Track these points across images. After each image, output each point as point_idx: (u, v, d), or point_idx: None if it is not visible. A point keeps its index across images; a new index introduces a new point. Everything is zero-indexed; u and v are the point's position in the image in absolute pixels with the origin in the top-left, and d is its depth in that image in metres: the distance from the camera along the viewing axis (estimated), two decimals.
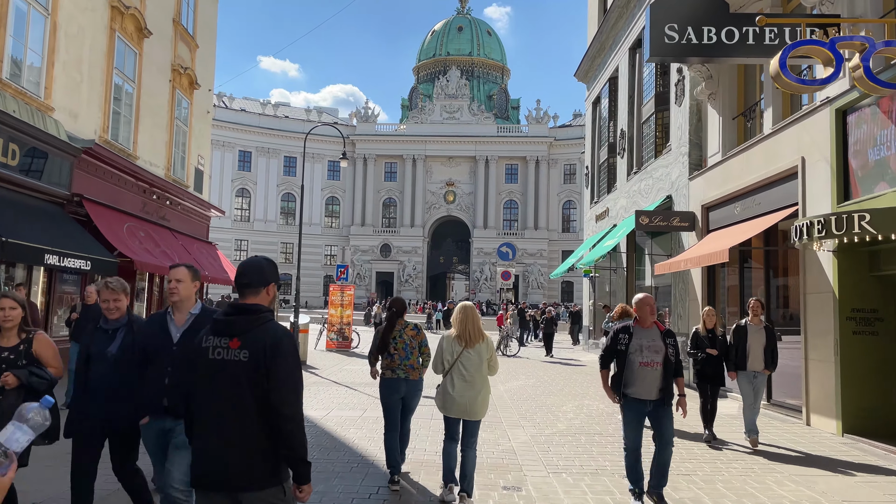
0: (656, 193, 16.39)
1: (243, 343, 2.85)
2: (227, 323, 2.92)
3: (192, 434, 3.00)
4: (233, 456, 2.81)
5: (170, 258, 16.51)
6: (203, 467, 2.87)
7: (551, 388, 13.47)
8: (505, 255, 21.87)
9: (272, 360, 2.84)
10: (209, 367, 2.89)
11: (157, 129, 18.69)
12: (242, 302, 2.98)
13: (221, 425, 2.84)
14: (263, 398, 2.82)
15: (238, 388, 2.83)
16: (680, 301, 14.66)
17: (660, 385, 5.65)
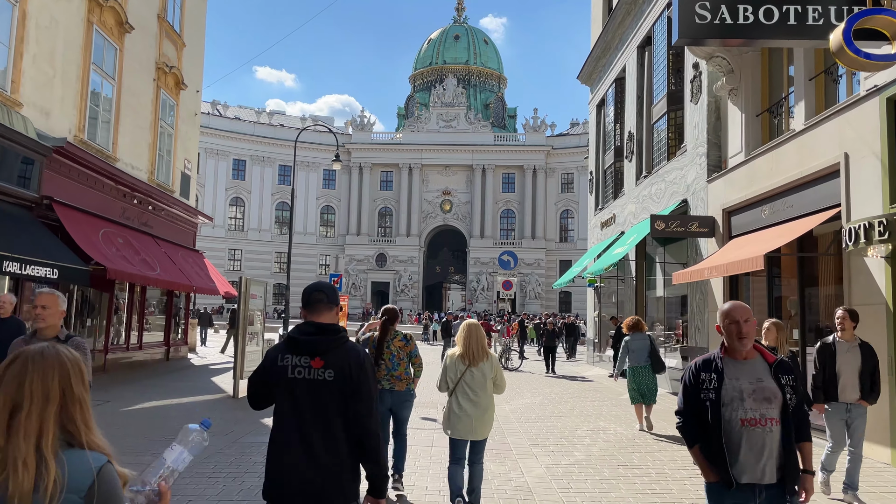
0: (669, 198, 15.41)
1: (327, 362, 2.89)
2: (309, 343, 2.93)
3: (273, 453, 2.95)
4: (320, 473, 2.83)
5: (150, 266, 15.46)
6: (288, 484, 2.85)
7: (561, 408, 12.42)
8: (506, 264, 20.82)
9: (358, 379, 2.89)
10: (289, 385, 2.89)
11: (139, 130, 17.67)
12: (318, 321, 3.00)
13: (307, 443, 2.85)
14: (347, 416, 2.88)
15: (323, 406, 2.87)
16: (698, 313, 13.65)
17: (778, 457, 3.31)
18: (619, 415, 11.65)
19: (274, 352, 3.02)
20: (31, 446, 1.55)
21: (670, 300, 16.24)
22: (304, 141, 71.69)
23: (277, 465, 2.90)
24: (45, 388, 1.61)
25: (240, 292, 12.74)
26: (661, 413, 11.02)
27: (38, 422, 1.58)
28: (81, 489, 1.55)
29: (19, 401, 1.59)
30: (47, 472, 1.52)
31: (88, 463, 1.59)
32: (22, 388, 1.60)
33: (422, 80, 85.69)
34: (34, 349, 1.67)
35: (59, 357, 1.67)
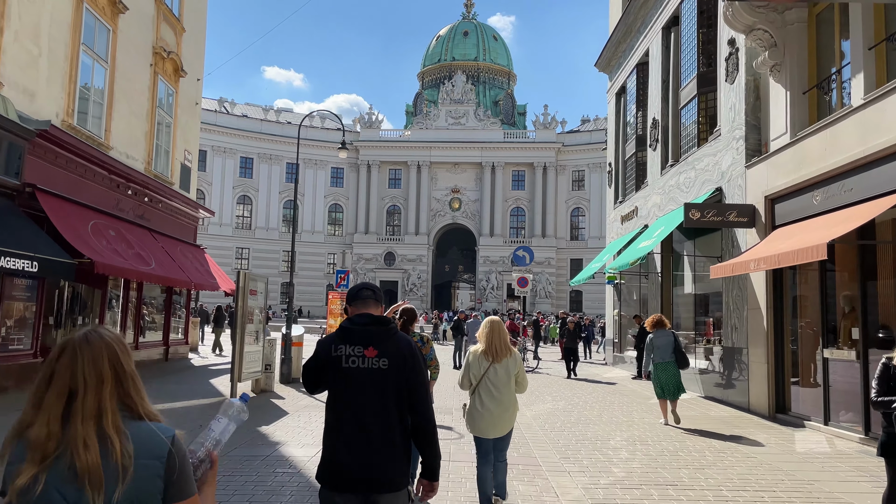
0: (701, 186, 14.31)
1: (381, 351, 2.98)
2: (363, 333, 3.02)
3: (327, 436, 3.03)
4: (376, 458, 2.90)
5: (144, 261, 14.50)
6: (344, 469, 2.91)
7: (587, 415, 11.35)
8: (521, 260, 19.74)
9: (412, 368, 3.01)
10: (344, 374, 2.98)
11: (135, 117, 16.71)
12: (368, 312, 3.10)
13: (362, 429, 2.92)
14: (400, 403, 2.98)
15: (378, 394, 2.95)
16: (735, 310, 12.56)
17: None
18: (652, 422, 10.57)
19: (327, 341, 3.08)
20: (91, 427, 1.65)
21: (700, 297, 15.13)
22: (311, 139, 70.98)
23: (333, 450, 2.96)
24: (97, 371, 1.71)
25: (237, 288, 11.75)
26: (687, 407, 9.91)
27: (95, 403, 1.68)
28: (161, 455, 1.68)
29: (74, 387, 1.69)
30: (113, 447, 1.63)
31: (162, 432, 1.72)
32: (76, 376, 1.69)
33: (430, 77, 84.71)
34: (79, 336, 1.76)
35: (104, 339, 1.76)
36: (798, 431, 9.91)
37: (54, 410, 1.66)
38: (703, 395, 13.97)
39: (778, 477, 7.13)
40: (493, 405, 5.35)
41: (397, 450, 2.97)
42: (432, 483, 3.08)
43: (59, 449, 1.62)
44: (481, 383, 5.42)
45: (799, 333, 11.01)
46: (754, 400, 11.68)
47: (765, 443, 9.06)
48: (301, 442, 8.34)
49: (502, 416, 5.39)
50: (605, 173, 67.36)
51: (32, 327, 12.90)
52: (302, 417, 10.22)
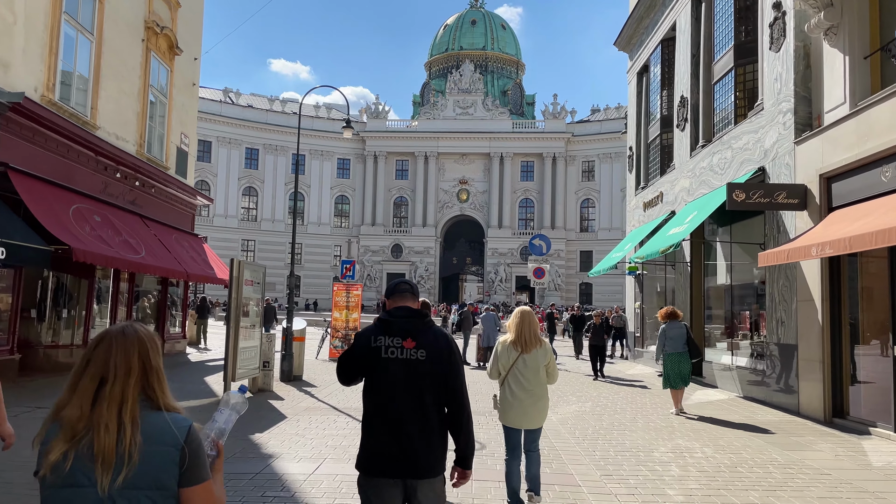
0: (739, 167, 13.08)
1: (419, 343, 3.08)
2: (402, 324, 3.11)
3: (366, 425, 3.12)
4: (414, 446, 2.98)
5: (133, 249, 13.39)
6: (383, 457, 2.99)
7: (620, 419, 10.18)
8: (538, 249, 18.55)
9: (448, 359, 3.10)
10: (383, 364, 3.05)
11: (125, 96, 15.58)
12: (406, 305, 3.20)
13: (401, 418, 3.01)
14: (437, 392, 3.06)
15: (417, 383, 3.03)
16: (781, 303, 11.34)
17: None
18: (697, 429, 9.39)
19: (366, 333, 3.15)
20: (114, 413, 1.81)
21: (737, 288, 13.92)
22: (317, 129, 69.92)
23: (372, 438, 3.06)
24: (127, 363, 1.88)
25: (231, 277, 10.61)
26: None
27: (120, 392, 1.84)
28: (177, 444, 1.84)
29: (105, 374, 1.86)
30: (125, 433, 1.79)
31: (179, 422, 1.88)
32: (108, 364, 1.87)
33: (438, 66, 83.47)
34: (116, 329, 1.95)
35: (138, 334, 1.94)
36: (865, 440, 8.72)
37: (87, 394, 1.85)
38: (741, 395, 12.78)
39: (867, 501, 5.95)
40: (524, 395, 5.29)
41: (434, 437, 3.05)
42: (465, 471, 3.18)
43: (87, 429, 1.81)
44: (510, 374, 5.35)
45: (861, 328, 9.81)
46: (805, 402, 10.48)
47: (831, 454, 7.89)
48: (298, 454, 7.19)
49: (534, 406, 5.34)
50: (615, 164, 66.64)
51: (9, 321, 11.84)
52: (301, 422, 9.09)
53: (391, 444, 3.00)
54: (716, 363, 14.31)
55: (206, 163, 65.86)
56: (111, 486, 1.76)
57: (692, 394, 13.12)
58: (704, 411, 11.01)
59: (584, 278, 67.11)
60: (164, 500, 1.81)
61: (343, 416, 9.61)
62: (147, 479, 1.78)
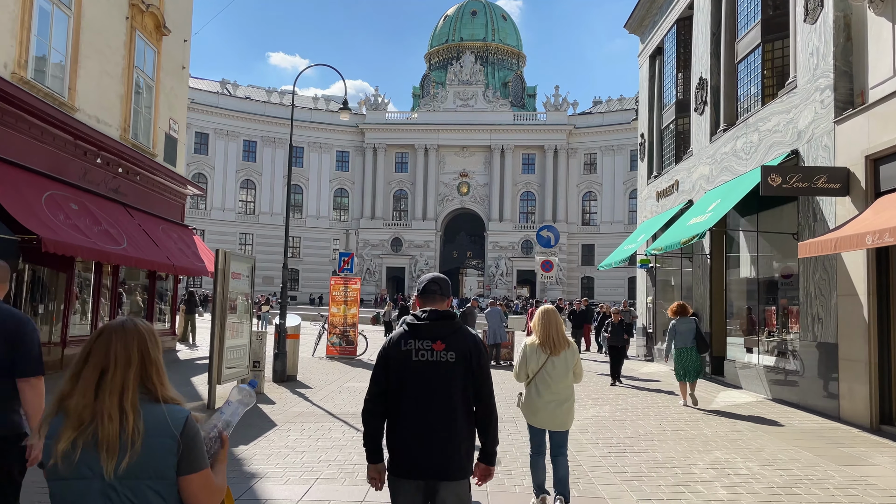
0: (767, 151, 12.10)
1: (448, 346, 3.09)
2: (431, 328, 3.12)
3: (396, 428, 3.10)
4: (444, 447, 3.01)
5: (114, 240, 12.44)
6: (412, 457, 3.01)
7: (645, 426, 9.25)
8: (546, 241, 17.57)
9: (479, 362, 3.12)
10: (414, 367, 3.07)
11: (107, 77, 14.59)
12: (435, 308, 3.20)
13: (431, 420, 3.02)
14: (466, 394, 3.09)
15: (447, 385, 3.05)
16: (818, 297, 10.39)
17: None
18: (733, 438, 8.45)
19: (397, 337, 3.16)
20: (115, 402, 1.90)
21: (764, 282, 12.96)
22: (316, 121, 68.93)
23: (403, 441, 3.05)
24: (126, 355, 1.96)
25: (216, 270, 9.65)
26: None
27: (120, 382, 1.93)
28: (174, 434, 1.91)
29: (106, 365, 1.94)
30: (127, 421, 1.87)
31: (176, 413, 1.95)
32: (108, 356, 1.95)
33: (438, 58, 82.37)
34: (116, 322, 2.02)
35: (137, 328, 2.02)
36: None
37: (89, 384, 1.92)
38: (768, 397, 11.85)
39: None
40: (551, 397, 5.22)
41: (462, 439, 3.07)
42: (489, 468, 3.21)
43: (91, 418, 1.88)
44: (538, 375, 5.25)
45: None
46: (848, 407, 9.54)
47: (894, 470, 6.96)
48: (286, 473, 6.24)
49: (561, 408, 5.27)
50: (618, 156, 65.57)
51: None
52: (293, 431, 8.14)
53: (419, 445, 3.02)
54: (739, 362, 13.38)
55: (203, 155, 64.93)
56: (115, 472, 1.85)
57: (715, 396, 12.20)
58: (734, 416, 10.08)
59: (586, 272, 66.27)
60: (166, 488, 1.90)
61: (339, 424, 8.66)
62: (148, 469, 1.87)
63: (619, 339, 13.92)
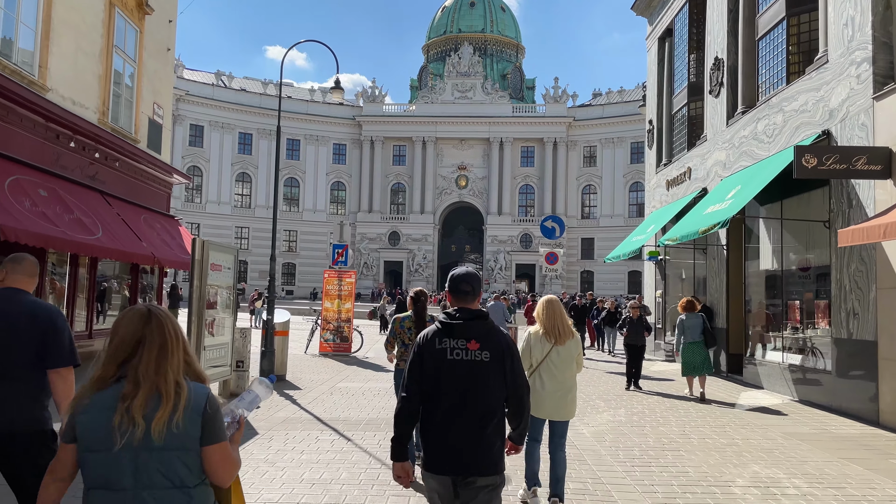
0: (793, 133, 11.20)
1: (482, 345, 3.12)
2: (466, 327, 3.16)
3: (430, 426, 3.13)
4: (479, 444, 3.04)
5: (87, 229, 11.50)
6: (448, 454, 3.04)
7: (666, 432, 8.37)
8: (550, 232, 16.68)
9: (513, 360, 3.16)
10: (449, 366, 3.10)
11: (83, 56, 13.62)
12: (468, 307, 3.23)
13: (467, 417, 3.05)
14: (500, 392, 3.13)
15: (482, 384, 3.08)
16: (854, 291, 9.51)
17: None
18: (769, 448, 7.56)
19: (431, 335, 3.19)
20: (172, 378, 2.10)
21: (788, 274, 12.08)
22: (312, 113, 67.97)
23: (438, 438, 3.08)
24: (177, 331, 2.18)
25: (192, 261, 8.74)
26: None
27: (179, 357, 2.14)
28: (199, 408, 2.09)
29: (164, 342, 2.12)
30: (180, 395, 2.08)
31: (200, 390, 2.14)
32: (164, 333, 2.14)
33: (436, 49, 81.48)
34: (144, 306, 2.21)
35: (161, 311, 2.22)
36: None
37: (149, 360, 2.09)
38: (795, 399, 10.98)
39: None
40: (555, 386, 5.24)
41: (495, 436, 3.10)
42: (517, 445, 3.42)
43: (133, 392, 2.06)
44: (543, 365, 5.27)
45: None
46: (890, 410, 8.68)
47: None
48: (262, 496, 5.33)
49: (565, 398, 5.28)
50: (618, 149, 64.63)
51: None
52: (275, 441, 7.24)
53: (455, 443, 3.05)
54: (760, 361, 12.51)
55: (198, 148, 64.00)
56: (149, 444, 2.01)
57: (737, 397, 11.34)
58: (763, 420, 9.22)
59: (586, 266, 65.52)
60: (191, 459, 2.07)
61: (328, 433, 7.77)
62: (177, 441, 2.04)
63: (638, 338, 12.25)
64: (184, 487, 2.05)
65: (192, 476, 2.07)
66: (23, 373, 3.32)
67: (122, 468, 2.01)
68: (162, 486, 2.03)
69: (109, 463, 2.00)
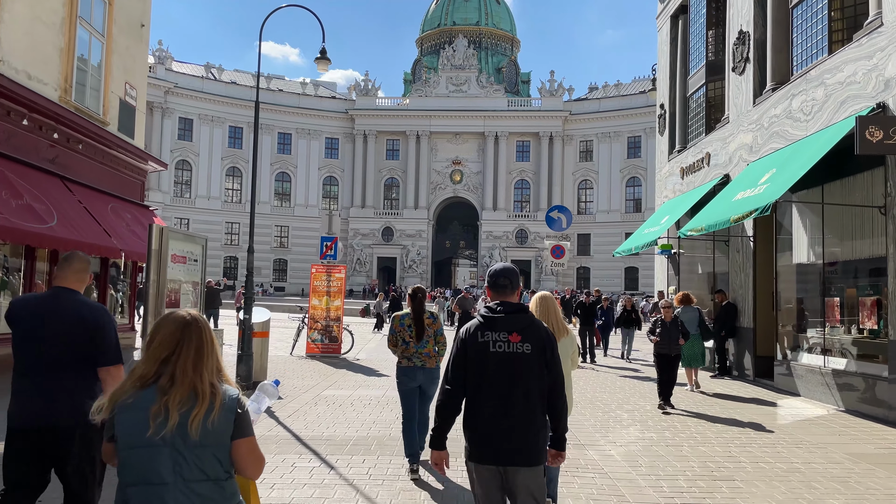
0: (838, 108, 9.92)
1: (524, 337, 3.18)
2: (508, 320, 3.21)
3: (474, 416, 3.19)
4: (523, 434, 3.12)
5: (39, 217, 10.16)
6: (494, 445, 3.11)
7: (708, 453, 7.08)
8: (557, 223, 15.48)
9: (552, 352, 3.23)
10: (491, 358, 3.16)
11: (41, 26, 12.25)
12: (508, 300, 3.30)
13: (510, 409, 3.13)
14: (541, 384, 3.19)
15: (524, 376, 3.15)
16: None
17: None
18: (841, 475, 6.25)
19: (473, 329, 3.25)
20: (207, 380, 2.27)
21: (832, 267, 10.80)
22: (304, 107, 66.53)
23: (483, 429, 3.14)
24: (212, 338, 2.37)
25: (149, 250, 7.38)
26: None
27: (214, 361, 2.33)
28: (232, 408, 2.26)
29: (200, 345, 2.30)
30: (215, 396, 2.25)
31: (231, 392, 2.31)
32: (202, 337, 2.34)
33: (430, 42, 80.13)
34: (185, 311, 2.40)
35: (200, 318, 2.40)
36: None
37: (186, 363, 2.26)
38: (841, 409, 9.73)
39: None
40: None
41: (537, 427, 3.16)
42: (560, 452, 3.33)
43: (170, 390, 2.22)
44: None
45: None
46: None
47: None
48: None
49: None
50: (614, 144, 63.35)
51: None
52: None
53: (500, 433, 3.10)
54: (795, 365, 11.23)
55: (187, 141, 62.52)
56: (187, 440, 2.17)
57: (774, 406, 10.08)
58: (815, 437, 7.94)
59: (582, 262, 64.43)
60: (222, 454, 2.24)
61: (307, 456, 6.44)
62: (212, 438, 2.21)
63: (672, 346, 9.71)
64: (217, 480, 2.23)
65: (223, 470, 2.25)
66: (71, 369, 3.44)
67: (164, 463, 2.16)
68: (198, 479, 2.20)
69: (151, 458, 2.16)
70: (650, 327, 9.97)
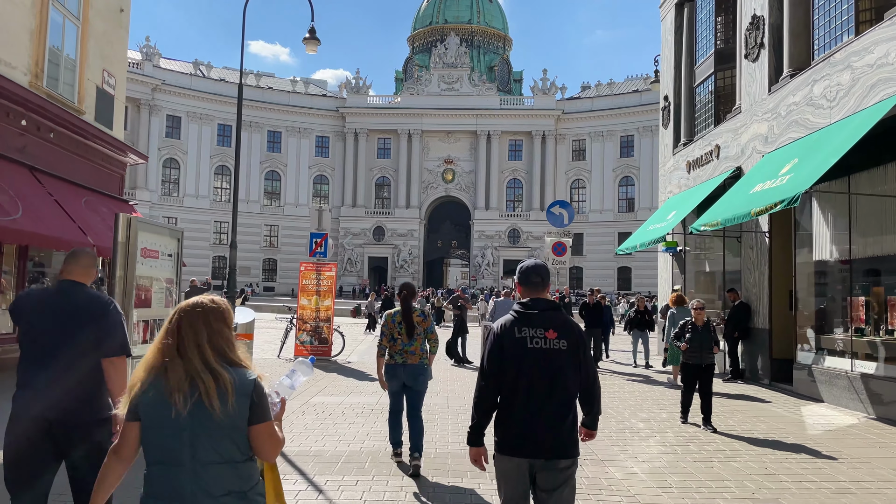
0: (867, 92, 9.21)
1: (560, 334, 3.24)
2: (544, 317, 3.27)
3: (509, 411, 3.24)
4: (559, 427, 3.18)
5: (1, 209, 9.30)
6: (530, 438, 3.17)
7: (743, 470, 6.35)
8: (558, 219, 14.73)
9: (584, 349, 3.31)
10: (529, 354, 3.20)
11: (9, 6, 11.40)
12: (541, 297, 3.36)
13: (545, 403, 3.19)
14: (576, 378, 3.26)
15: (560, 371, 3.20)
16: None
17: None
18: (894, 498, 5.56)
19: (507, 326, 3.28)
20: (209, 364, 2.28)
21: (859, 265, 10.09)
22: (295, 105, 65.62)
23: (519, 422, 3.19)
24: (214, 319, 2.38)
25: (115, 243, 6.57)
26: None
27: (216, 344, 2.34)
28: (248, 392, 2.28)
29: (199, 329, 2.32)
30: (221, 377, 2.25)
31: (248, 375, 2.32)
32: (203, 321, 2.35)
33: (421, 40, 79.42)
34: (192, 300, 2.43)
35: (204, 303, 2.41)
36: None
37: (189, 348, 2.29)
38: (872, 416, 9.04)
39: None
40: None
41: (570, 421, 3.22)
42: (592, 431, 3.47)
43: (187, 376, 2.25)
44: None
45: None
46: None
47: None
48: None
49: None
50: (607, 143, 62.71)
51: None
52: None
53: (536, 427, 3.15)
54: (818, 368, 10.52)
55: (175, 139, 61.47)
56: (204, 423, 2.20)
57: (798, 413, 9.37)
58: (855, 450, 7.22)
59: (574, 262, 63.72)
60: (239, 437, 2.25)
61: (292, 477, 5.65)
62: (227, 421, 2.22)
63: (704, 354, 8.32)
64: (233, 462, 2.24)
65: (239, 453, 2.25)
66: (81, 363, 3.45)
67: (182, 445, 2.19)
68: (215, 462, 2.21)
69: (170, 438, 2.20)
70: (677, 332, 8.76)
